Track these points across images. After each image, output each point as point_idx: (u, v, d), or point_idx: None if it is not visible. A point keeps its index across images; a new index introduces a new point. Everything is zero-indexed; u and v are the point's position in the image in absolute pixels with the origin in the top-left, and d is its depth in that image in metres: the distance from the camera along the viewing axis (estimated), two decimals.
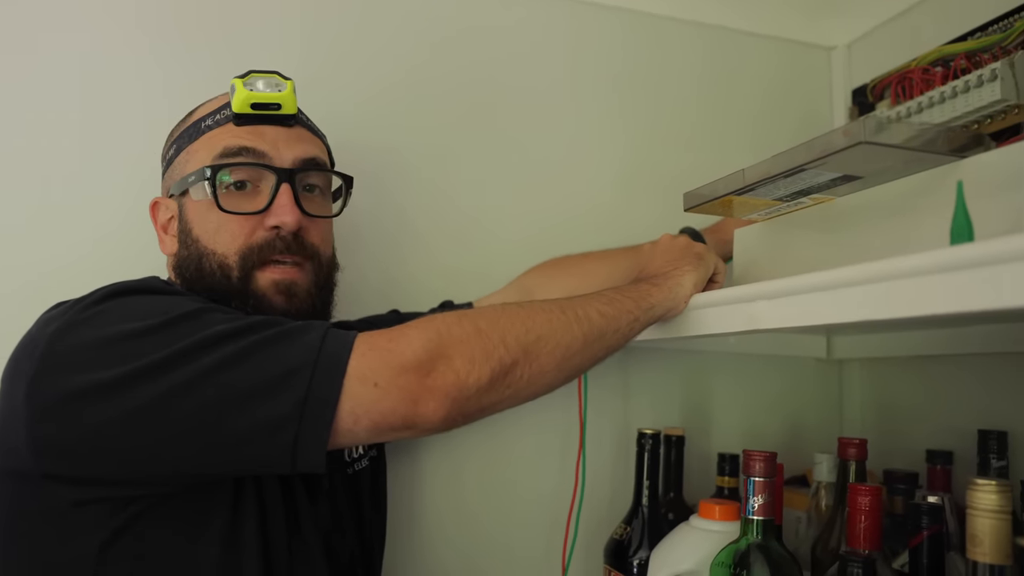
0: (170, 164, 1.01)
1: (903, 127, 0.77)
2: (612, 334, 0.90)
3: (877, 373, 1.48)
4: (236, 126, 0.96)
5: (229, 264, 0.94)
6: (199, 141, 0.98)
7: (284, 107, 0.97)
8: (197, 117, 1.00)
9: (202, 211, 0.96)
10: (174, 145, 1.01)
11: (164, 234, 1.01)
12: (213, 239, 0.95)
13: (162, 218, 1.02)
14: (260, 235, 0.95)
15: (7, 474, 0.82)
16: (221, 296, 0.93)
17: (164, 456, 0.78)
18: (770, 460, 0.89)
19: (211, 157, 0.95)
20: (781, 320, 0.81)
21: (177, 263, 0.99)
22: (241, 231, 0.95)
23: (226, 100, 0.98)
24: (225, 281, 0.94)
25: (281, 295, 0.95)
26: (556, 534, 1.31)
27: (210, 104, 1.01)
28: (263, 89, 0.95)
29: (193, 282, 0.96)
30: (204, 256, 0.95)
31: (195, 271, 0.96)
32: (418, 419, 0.79)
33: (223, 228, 0.95)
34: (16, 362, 0.82)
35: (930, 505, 0.85)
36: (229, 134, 0.96)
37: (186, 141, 0.99)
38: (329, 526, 1.00)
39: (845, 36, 1.59)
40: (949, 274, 0.61)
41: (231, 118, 0.96)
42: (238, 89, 0.95)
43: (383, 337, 0.81)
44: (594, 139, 1.47)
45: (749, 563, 0.89)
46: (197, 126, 0.99)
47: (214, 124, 0.97)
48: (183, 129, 1.01)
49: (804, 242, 1.01)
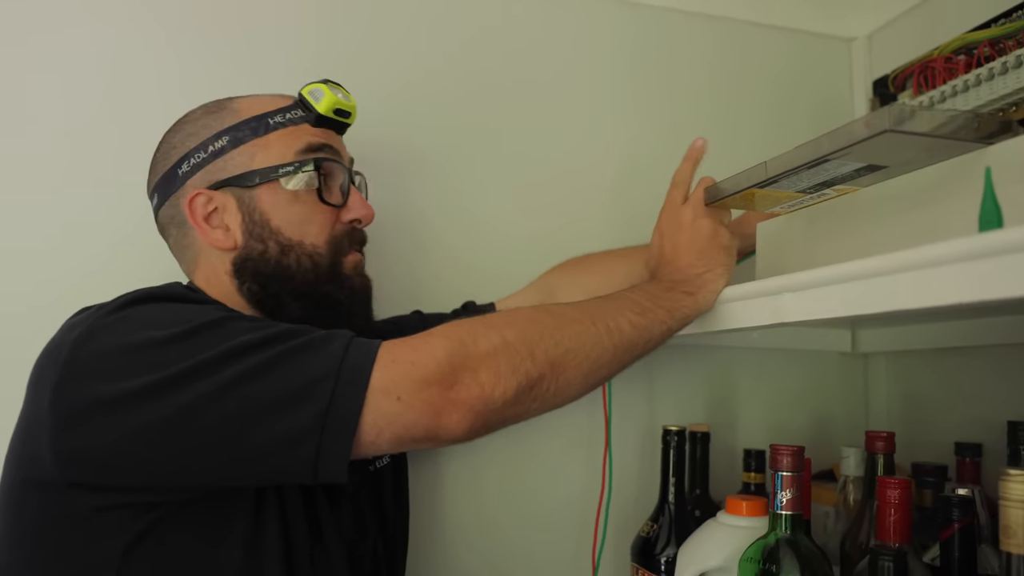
0: (218, 155, 0.97)
1: (929, 115, 0.76)
2: (643, 345, 0.90)
3: (903, 366, 1.47)
4: (313, 127, 0.99)
5: (320, 252, 0.98)
6: (272, 136, 0.97)
7: (352, 116, 1.03)
8: (253, 113, 0.98)
9: (283, 202, 0.96)
10: (224, 136, 0.97)
11: (208, 227, 0.97)
12: (300, 230, 0.97)
13: (202, 211, 0.97)
14: (339, 227, 1.00)
15: (31, 483, 0.82)
16: (306, 284, 0.97)
17: (187, 466, 0.78)
18: (798, 454, 0.88)
19: (294, 152, 0.97)
20: (807, 312, 0.80)
21: (244, 257, 0.97)
22: (328, 222, 0.99)
23: (283, 101, 1.00)
24: (313, 269, 0.97)
25: (360, 276, 1.02)
26: (584, 535, 1.31)
27: (259, 102, 0.99)
28: (343, 98, 1.00)
29: (270, 276, 0.96)
30: (289, 248, 0.96)
31: (275, 265, 0.96)
32: (441, 431, 0.79)
33: (311, 219, 0.98)
34: (41, 368, 0.83)
35: (961, 497, 0.84)
36: (307, 133, 0.99)
37: (248, 135, 0.97)
38: (352, 532, 1.00)
39: (865, 27, 1.57)
40: (979, 261, 0.60)
41: (309, 119, 0.99)
42: (327, 94, 0.98)
43: (406, 347, 0.80)
44: (611, 135, 1.46)
45: (778, 558, 0.88)
46: (262, 121, 0.97)
47: (286, 122, 0.98)
48: (237, 121, 0.97)
49: (828, 234, 1.00)
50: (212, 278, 0.99)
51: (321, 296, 0.97)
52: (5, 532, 0.85)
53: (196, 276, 1.00)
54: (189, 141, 0.98)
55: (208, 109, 1.00)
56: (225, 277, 0.98)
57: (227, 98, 1.01)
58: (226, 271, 0.98)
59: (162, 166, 1.00)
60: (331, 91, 0.99)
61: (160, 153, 1.01)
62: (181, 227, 0.99)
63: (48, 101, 1.19)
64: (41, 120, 1.19)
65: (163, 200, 0.99)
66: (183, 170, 0.98)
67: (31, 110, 1.18)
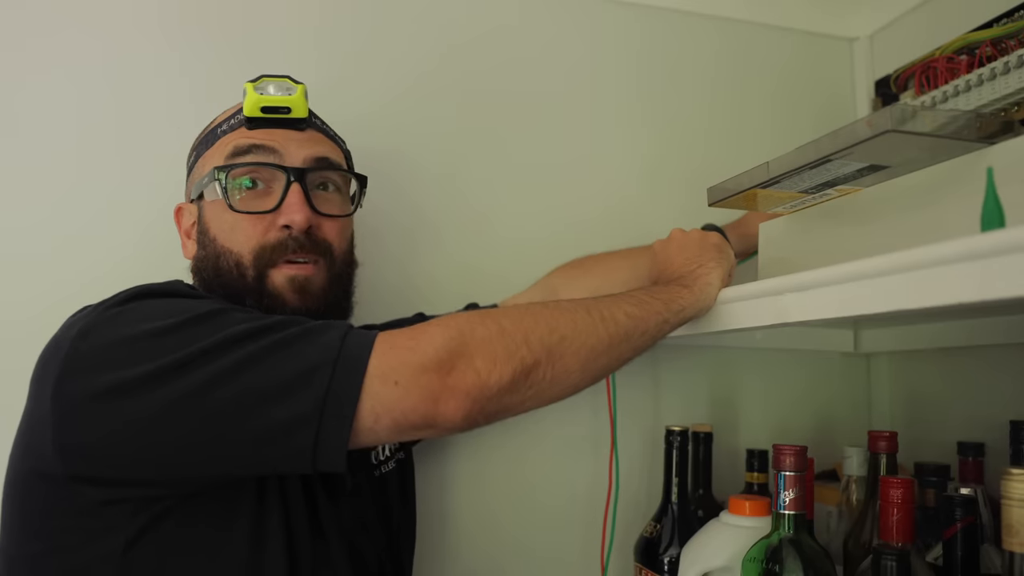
0: (190, 171, 1.04)
1: (930, 115, 0.76)
2: (639, 336, 0.89)
3: (905, 366, 1.47)
4: (248, 130, 0.98)
5: (244, 263, 0.96)
6: (215, 146, 1.00)
7: (294, 111, 0.98)
8: (214, 124, 1.03)
9: (217, 212, 0.98)
10: (194, 152, 1.04)
11: (187, 239, 1.04)
12: (228, 238, 0.97)
13: (185, 224, 1.05)
14: (273, 234, 0.96)
15: (37, 475, 0.83)
16: (236, 295, 0.95)
17: (187, 456, 0.78)
18: (801, 454, 0.88)
19: (223, 158, 0.98)
20: (810, 312, 0.80)
21: (196, 264, 1.02)
22: (254, 230, 0.96)
23: (240, 106, 1.00)
24: (241, 279, 0.96)
25: (295, 292, 0.96)
26: (589, 534, 1.31)
27: (226, 111, 1.04)
28: (273, 93, 0.97)
29: (211, 282, 0.98)
30: (220, 255, 0.97)
31: (212, 270, 0.98)
32: (439, 418, 0.78)
33: (237, 227, 0.97)
34: (43, 364, 0.83)
35: (963, 497, 0.84)
36: (241, 136, 0.98)
37: (204, 147, 1.02)
38: (353, 529, 1.01)
39: (867, 27, 1.57)
40: (981, 261, 0.60)
41: (244, 122, 0.98)
42: (249, 93, 0.97)
43: (404, 335, 0.80)
44: (614, 136, 1.46)
45: (781, 558, 0.88)
46: (214, 132, 1.01)
47: (228, 129, 1.00)
48: (202, 136, 1.04)
49: (831, 234, 1.00)
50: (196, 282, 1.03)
51: (250, 309, 0.92)
52: (11, 524, 0.86)
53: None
54: (187, 158, 1.06)
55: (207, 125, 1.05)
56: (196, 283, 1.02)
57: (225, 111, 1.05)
58: (193, 278, 1.03)
59: None
60: (256, 89, 0.96)
61: None
62: None
63: (52, 109, 1.20)
64: (45, 128, 1.19)
65: None
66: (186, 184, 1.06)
67: (34, 118, 1.19)
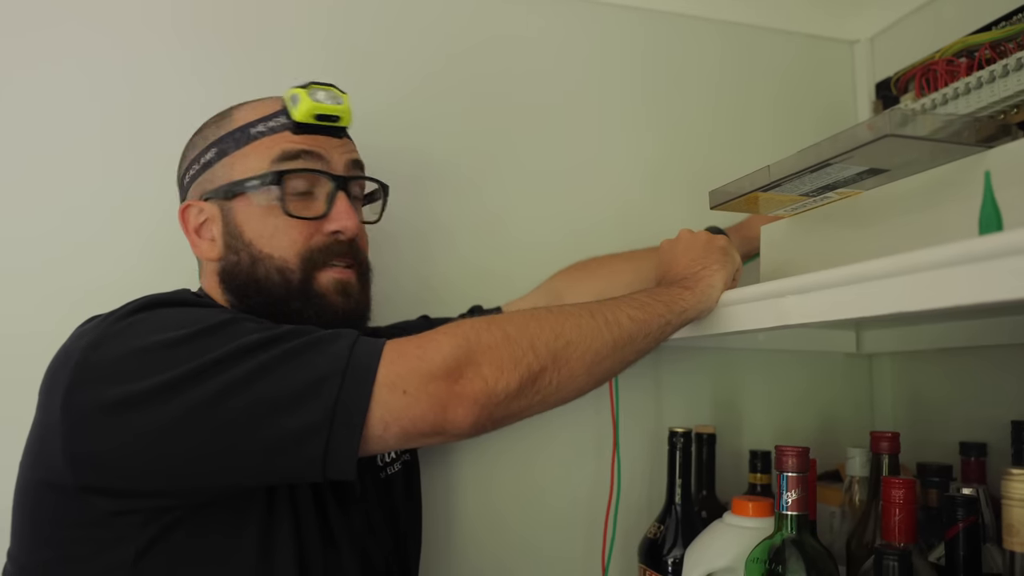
0: (208, 167, 0.99)
1: (929, 119, 0.77)
2: (643, 339, 0.89)
3: (908, 367, 1.47)
4: (294, 134, 0.97)
5: (289, 267, 0.96)
6: (250, 146, 0.97)
7: (342, 120, 0.99)
8: (243, 122, 0.99)
9: (257, 215, 0.97)
10: (213, 148, 0.99)
11: (199, 238, 1.00)
12: (270, 243, 0.96)
13: (194, 222, 1.00)
14: (318, 239, 0.97)
15: (47, 485, 0.83)
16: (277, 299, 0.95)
17: (197, 466, 0.79)
18: (803, 455, 0.89)
19: (269, 162, 0.96)
20: (811, 314, 0.81)
21: (223, 268, 0.99)
22: (300, 235, 0.97)
23: (273, 107, 0.98)
24: (284, 284, 0.96)
25: (340, 295, 0.97)
26: (592, 534, 1.32)
27: (252, 109, 1.00)
28: (325, 101, 0.96)
29: (244, 287, 0.97)
30: (259, 260, 0.96)
31: (247, 276, 0.97)
32: (447, 425, 0.79)
33: (281, 232, 0.96)
34: (52, 374, 0.84)
35: (965, 497, 0.84)
36: (287, 141, 0.97)
37: (232, 146, 0.98)
38: (363, 535, 1.01)
39: (868, 30, 1.58)
40: (979, 264, 0.61)
41: (289, 126, 0.97)
42: (303, 99, 0.95)
43: (412, 344, 0.81)
44: (619, 139, 1.47)
45: (784, 558, 0.89)
46: (245, 131, 0.98)
47: (267, 131, 0.97)
48: (224, 133, 0.99)
49: (831, 236, 1.00)
50: (210, 286, 1.01)
51: (291, 312, 0.95)
52: (21, 533, 0.87)
53: (202, 283, 1.03)
54: (190, 152, 1.02)
55: (215, 119, 1.02)
56: (217, 287, 1.00)
57: (234, 106, 1.02)
58: (216, 280, 1.00)
59: (178, 175, 1.04)
60: (309, 96, 0.96)
61: (179, 162, 1.04)
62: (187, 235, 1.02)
63: (53, 110, 1.20)
64: (47, 134, 1.20)
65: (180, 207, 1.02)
66: (185, 180, 1.03)
67: (42, 121, 1.19)
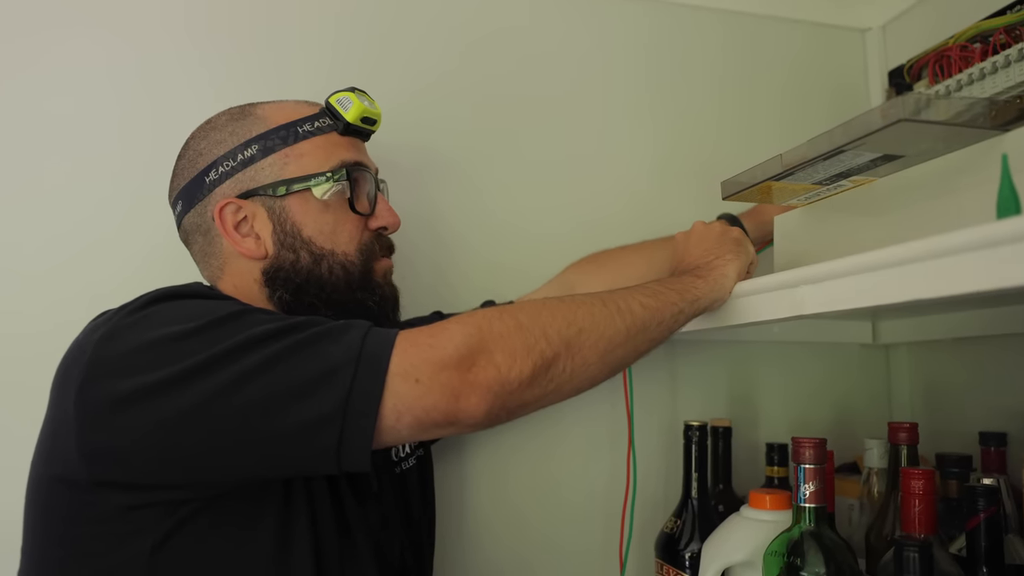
0: (249, 163, 0.97)
1: (944, 103, 0.76)
2: (656, 327, 0.89)
3: (925, 356, 1.46)
4: (340, 135, 1.01)
5: (351, 260, 1.00)
6: (303, 145, 0.98)
7: (377, 124, 1.05)
8: (281, 120, 0.98)
9: (315, 211, 0.98)
10: (253, 144, 0.97)
11: (243, 237, 0.98)
12: (330, 239, 0.99)
13: (232, 220, 0.97)
14: (367, 234, 1.03)
15: (60, 481, 0.83)
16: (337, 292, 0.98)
17: (211, 459, 0.79)
18: (820, 447, 0.88)
19: (328, 161, 0.99)
20: (826, 304, 0.80)
21: (274, 267, 0.98)
22: (356, 230, 1.01)
23: (308, 109, 1.01)
24: (346, 278, 0.99)
25: (390, 285, 1.05)
26: (609, 528, 1.32)
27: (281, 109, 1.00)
28: (370, 106, 1.02)
29: (304, 286, 0.98)
30: (322, 257, 0.98)
31: (307, 274, 0.97)
32: (460, 414, 0.78)
33: (340, 227, 1.00)
34: (65, 369, 0.84)
35: (986, 487, 0.83)
36: (335, 143, 1.00)
37: (278, 143, 0.98)
38: (378, 529, 1.01)
39: (879, 17, 1.57)
40: (997, 248, 0.60)
41: (337, 128, 1.01)
42: (355, 103, 1.00)
43: (424, 333, 0.81)
44: (628, 131, 1.46)
45: (803, 551, 0.88)
46: (291, 129, 0.98)
47: (315, 131, 0.99)
48: (265, 129, 0.98)
49: (846, 225, 0.99)
50: (241, 286, 0.99)
51: (355, 303, 0.99)
52: (34, 529, 0.87)
53: (222, 283, 1.00)
54: (216, 149, 0.98)
55: (233, 115, 1.00)
56: (255, 285, 0.99)
57: (250, 104, 1.01)
58: (256, 279, 0.98)
59: (188, 173, 1.00)
60: (359, 100, 1.00)
61: (185, 160, 1.01)
62: (207, 235, 0.99)
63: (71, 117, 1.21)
64: (57, 136, 1.20)
65: (188, 207, 1.00)
66: (211, 178, 0.98)
67: (55, 122, 1.20)
